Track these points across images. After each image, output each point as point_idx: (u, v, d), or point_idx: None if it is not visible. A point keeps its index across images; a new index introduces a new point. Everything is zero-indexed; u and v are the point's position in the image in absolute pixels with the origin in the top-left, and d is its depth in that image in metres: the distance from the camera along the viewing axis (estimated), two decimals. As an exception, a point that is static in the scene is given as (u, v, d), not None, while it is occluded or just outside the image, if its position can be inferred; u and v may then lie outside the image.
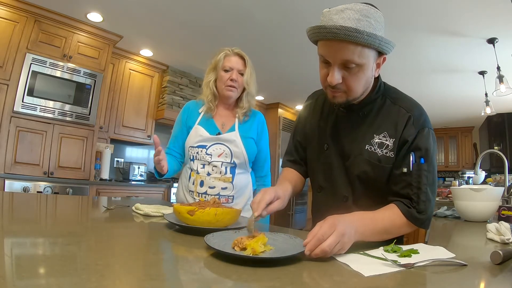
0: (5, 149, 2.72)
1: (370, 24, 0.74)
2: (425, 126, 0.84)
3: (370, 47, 0.76)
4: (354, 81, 0.80)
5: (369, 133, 0.87)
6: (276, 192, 0.86)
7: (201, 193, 1.34)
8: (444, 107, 5.56)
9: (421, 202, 0.80)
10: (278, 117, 5.87)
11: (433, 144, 0.85)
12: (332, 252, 0.62)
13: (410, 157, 0.82)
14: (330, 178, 0.94)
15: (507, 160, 1.69)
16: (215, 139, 1.36)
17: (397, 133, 0.84)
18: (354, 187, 0.90)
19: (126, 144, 4.20)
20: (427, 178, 0.82)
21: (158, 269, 0.53)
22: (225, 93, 1.39)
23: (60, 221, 0.98)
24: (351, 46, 0.74)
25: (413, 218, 0.80)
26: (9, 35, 2.77)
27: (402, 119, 0.85)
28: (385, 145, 0.85)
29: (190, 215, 0.82)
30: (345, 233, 0.64)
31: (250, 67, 1.42)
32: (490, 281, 0.54)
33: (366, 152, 0.86)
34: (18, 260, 0.50)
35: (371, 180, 0.87)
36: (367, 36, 0.73)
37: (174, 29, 3.32)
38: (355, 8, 0.74)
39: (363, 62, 0.77)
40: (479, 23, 2.85)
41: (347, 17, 0.74)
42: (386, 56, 0.84)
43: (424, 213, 0.81)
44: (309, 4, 2.63)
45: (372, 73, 0.83)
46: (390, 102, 0.89)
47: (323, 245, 0.61)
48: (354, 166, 0.89)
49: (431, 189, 0.82)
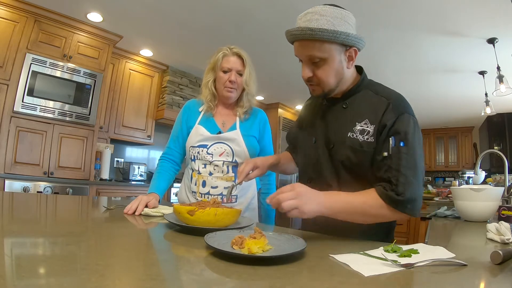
0: (5, 149, 2.72)
1: (327, 21, 0.84)
2: (405, 112, 0.87)
3: (328, 41, 0.85)
4: (322, 74, 0.90)
5: (351, 121, 0.92)
6: (255, 163, 1.06)
7: (203, 194, 1.34)
8: (444, 107, 5.56)
9: (400, 184, 0.81)
10: (278, 117, 5.88)
11: (414, 129, 0.86)
12: (287, 205, 0.72)
13: (390, 141, 0.85)
14: (318, 168, 0.99)
15: (507, 160, 1.69)
16: (216, 138, 1.36)
17: (376, 119, 0.88)
18: (339, 174, 0.94)
19: (126, 144, 4.20)
20: (406, 161, 0.82)
21: (158, 269, 0.53)
22: (224, 94, 1.38)
23: (60, 221, 0.99)
24: (310, 43, 0.86)
25: (390, 199, 0.81)
26: (9, 35, 2.77)
27: (381, 106, 0.89)
28: (366, 131, 0.89)
29: (190, 215, 0.82)
30: (302, 194, 0.75)
31: (249, 66, 1.41)
32: (490, 281, 0.54)
33: (348, 139, 0.91)
34: (18, 260, 0.50)
35: (354, 165, 0.91)
36: (320, 32, 0.82)
37: (174, 29, 3.32)
38: (314, 11, 0.85)
39: (326, 56, 0.87)
40: (479, 23, 2.85)
41: (307, 19, 0.85)
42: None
43: (403, 195, 0.80)
44: (309, 4, 2.63)
45: (341, 65, 0.90)
46: (372, 93, 0.94)
47: (279, 196, 0.74)
48: (337, 153, 0.94)
49: (412, 173, 0.82)
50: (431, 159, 7.44)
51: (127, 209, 1.09)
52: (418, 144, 0.86)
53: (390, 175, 0.82)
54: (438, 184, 6.24)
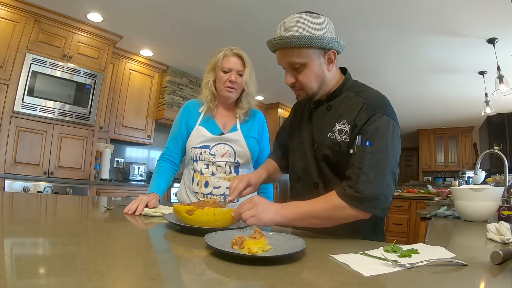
0: (5, 149, 2.72)
1: (302, 28, 0.87)
2: (378, 112, 0.87)
3: (304, 47, 0.88)
4: (303, 78, 0.93)
5: (332, 122, 0.95)
6: (249, 181, 1.06)
7: (206, 194, 1.34)
8: (444, 107, 5.56)
9: (360, 182, 0.81)
10: (278, 117, 5.88)
11: (385, 130, 0.85)
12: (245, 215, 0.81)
13: (357, 139, 0.87)
14: (305, 168, 1.02)
15: (507, 160, 1.69)
16: (218, 139, 1.36)
17: (352, 119, 0.91)
18: (323, 173, 0.97)
19: (126, 144, 4.20)
20: (370, 160, 0.82)
21: (158, 269, 0.53)
22: (225, 94, 1.38)
23: (60, 221, 0.99)
24: (288, 50, 0.90)
25: (349, 198, 0.81)
26: (9, 35, 2.77)
27: (357, 106, 0.91)
28: (344, 131, 0.92)
29: (189, 215, 0.82)
30: (258, 204, 0.82)
31: (250, 67, 1.42)
32: (490, 281, 0.54)
33: (328, 139, 0.94)
34: (18, 260, 0.50)
35: (334, 164, 0.94)
36: (295, 39, 0.86)
37: (174, 29, 3.32)
38: (290, 20, 0.89)
39: (304, 61, 0.90)
40: (479, 23, 2.85)
41: (284, 29, 0.89)
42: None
43: (362, 193, 0.80)
44: (309, 4, 2.63)
45: (321, 68, 0.93)
46: (354, 94, 0.96)
47: (239, 209, 0.83)
48: (320, 152, 0.97)
49: (375, 172, 0.82)
50: (431, 159, 7.44)
51: (127, 209, 1.09)
52: (390, 146, 0.85)
53: (351, 171, 0.84)
54: (438, 184, 6.24)
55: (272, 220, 0.82)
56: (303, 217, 0.84)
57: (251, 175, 1.09)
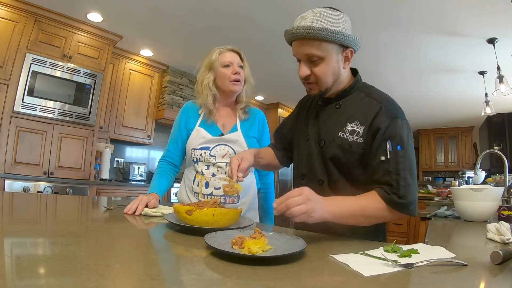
0: (5, 149, 2.72)
1: (326, 21, 0.86)
2: (398, 116, 0.89)
3: (326, 40, 0.86)
4: (320, 72, 0.91)
5: (342, 122, 0.95)
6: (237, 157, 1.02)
7: (206, 195, 1.34)
8: (444, 107, 5.56)
9: (401, 187, 0.83)
10: (278, 117, 5.88)
11: (407, 133, 0.89)
12: (296, 210, 0.70)
13: (387, 146, 0.86)
14: (310, 165, 1.02)
15: (507, 160, 1.69)
16: (218, 140, 1.36)
17: (366, 121, 0.91)
18: (329, 171, 0.97)
19: (126, 144, 4.20)
20: (404, 164, 0.85)
21: (158, 269, 0.53)
22: (231, 88, 1.35)
23: (60, 221, 0.99)
24: (309, 41, 0.87)
25: (393, 203, 0.83)
26: (9, 35, 2.77)
27: (372, 109, 0.91)
28: (356, 132, 0.92)
29: (188, 215, 0.82)
30: (311, 198, 0.74)
31: (246, 61, 1.42)
32: (490, 281, 0.54)
33: (338, 138, 0.94)
34: (18, 260, 0.50)
35: (343, 163, 0.94)
36: (320, 31, 0.84)
37: (174, 29, 3.32)
38: (313, 12, 0.87)
39: (324, 54, 0.88)
40: (479, 23, 2.85)
41: (306, 20, 0.87)
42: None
43: (405, 198, 0.83)
44: (309, 4, 2.63)
45: (338, 65, 0.92)
46: (364, 95, 0.97)
47: (288, 201, 0.71)
48: (327, 150, 0.96)
49: (409, 175, 0.85)
50: (431, 159, 7.44)
51: (127, 209, 1.09)
52: (411, 147, 0.89)
53: (390, 178, 0.84)
54: (438, 184, 6.24)
55: (321, 217, 0.77)
56: (351, 215, 0.82)
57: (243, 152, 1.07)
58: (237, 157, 1.01)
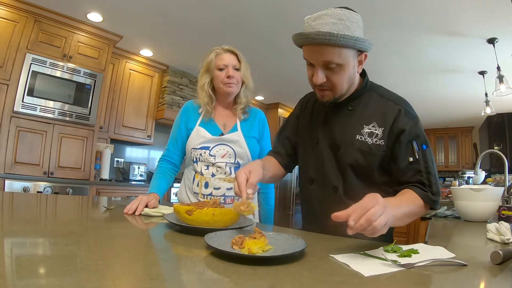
0: (5, 149, 2.72)
1: (345, 26, 0.81)
2: (417, 117, 0.91)
3: (347, 47, 0.82)
4: (337, 79, 0.87)
5: (359, 124, 0.93)
6: (245, 170, 0.86)
7: (206, 195, 1.34)
8: (444, 107, 5.56)
9: (433, 185, 0.86)
10: (278, 117, 5.87)
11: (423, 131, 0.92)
12: (378, 223, 0.59)
13: (414, 146, 0.87)
14: (321, 170, 0.99)
15: (507, 160, 1.69)
16: (218, 140, 1.36)
17: (386, 123, 0.90)
18: (345, 176, 0.94)
19: (126, 144, 4.20)
20: (432, 162, 0.88)
21: (158, 269, 0.53)
22: (225, 90, 1.37)
23: (60, 221, 0.98)
24: (329, 48, 0.82)
25: (430, 200, 0.85)
26: (9, 35, 2.77)
27: (391, 111, 0.91)
28: (374, 134, 0.91)
29: (188, 215, 0.82)
30: (387, 206, 0.64)
31: (244, 61, 1.41)
32: (490, 281, 0.54)
33: (357, 142, 0.92)
34: (18, 260, 0.50)
35: (363, 167, 0.92)
36: (343, 38, 0.79)
37: (174, 29, 3.32)
38: (330, 13, 0.82)
39: (342, 61, 0.84)
40: (479, 23, 2.85)
41: (324, 22, 0.81)
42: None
43: (438, 195, 0.86)
44: (309, 4, 2.64)
45: (354, 70, 0.89)
46: (377, 96, 0.96)
47: (368, 214, 0.59)
48: (345, 155, 0.93)
49: (436, 172, 0.88)
50: (431, 159, 7.42)
51: (127, 209, 1.09)
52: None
53: (421, 177, 0.86)
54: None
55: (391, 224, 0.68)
56: (405, 216, 0.80)
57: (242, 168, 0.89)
58: (245, 170, 0.86)
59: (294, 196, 5.77)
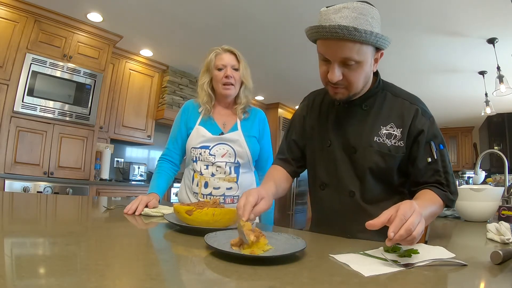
0: (5, 149, 2.72)
1: (367, 21, 0.76)
2: (432, 116, 0.90)
3: (368, 44, 0.77)
4: (354, 77, 0.82)
5: (376, 125, 0.89)
6: (259, 193, 0.80)
7: (205, 195, 1.34)
8: (444, 107, 5.56)
9: (451, 185, 0.86)
10: (278, 117, 5.87)
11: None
12: (416, 232, 0.60)
13: (432, 147, 0.87)
14: (335, 174, 0.94)
15: (507, 160, 1.69)
16: (218, 139, 1.36)
17: (404, 123, 0.88)
18: (362, 180, 0.90)
19: (126, 144, 4.20)
20: (448, 161, 0.88)
21: (158, 269, 0.53)
22: (223, 92, 1.38)
23: (60, 221, 0.98)
24: (350, 44, 0.76)
25: (449, 200, 0.85)
26: (9, 35, 2.77)
27: (408, 111, 0.88)
28: (393, 135, 0.87)
29: (188, 215, 0.82)
30: (422, 212, 0.65)
31: (244, 61, 1.42)
32: (490, 281, 0.54)
33: (375, 144, 0.88)
34: (18, 260, 0.50)
35: (382, 170, 0.88)
36: (365, 34, 0.74)
37: (174, 29, 3.32)
38: (352, 7, 0.76)
39: (362, 59, 0.79)
40: (479, 23, 2.85)
41: (345, 16, 0.75)
42: (385, 53, 0.87)
43: (456, 194, 0.86)
44: (309, 4, 2.63)
45: (370, 68, 0.85)
46: (391, 95, 0.93)
47: (407, 224, 0.60)
48: (364, 158, 0.89)
49: (452, 171, 0.88)
50: (431, 159, 7.42)
51: (127, 209, 1.09)
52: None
53: (440, 177, 0.86)
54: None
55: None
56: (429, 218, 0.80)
57: (258, 188, 0.85)
58: (258, 193, 0.79)
59: (294, 196, 5.77)
